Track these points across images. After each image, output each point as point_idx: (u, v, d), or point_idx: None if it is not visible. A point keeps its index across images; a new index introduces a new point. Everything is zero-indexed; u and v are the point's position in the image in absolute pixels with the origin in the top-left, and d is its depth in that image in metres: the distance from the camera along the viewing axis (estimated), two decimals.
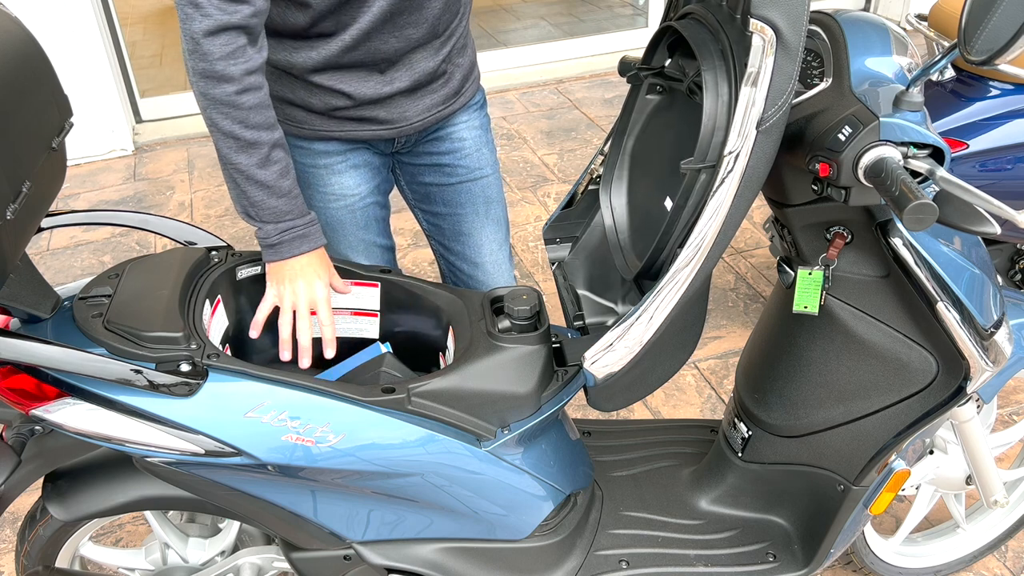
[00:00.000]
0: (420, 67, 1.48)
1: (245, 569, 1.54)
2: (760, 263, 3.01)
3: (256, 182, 1.27)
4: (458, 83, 1.58)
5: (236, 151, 1.25)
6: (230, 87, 1.20)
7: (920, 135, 1.12)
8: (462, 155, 1.65)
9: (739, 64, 1.14)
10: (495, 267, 1.74)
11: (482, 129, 1.67)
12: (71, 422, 1.12)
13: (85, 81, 3.80)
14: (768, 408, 1.51)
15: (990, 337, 1.30)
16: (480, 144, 1.67)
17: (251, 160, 1.25)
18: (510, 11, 5.59)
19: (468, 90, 1.62)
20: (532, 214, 3.38)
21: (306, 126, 1.52)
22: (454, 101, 1.59)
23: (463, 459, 1.26)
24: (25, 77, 1.12)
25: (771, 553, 1.55)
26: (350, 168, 1.58)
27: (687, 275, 1.22)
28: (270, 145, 1.26)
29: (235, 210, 1.34)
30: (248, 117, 1.23)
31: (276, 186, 1.28)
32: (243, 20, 1.19)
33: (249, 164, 1.25)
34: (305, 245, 1.32)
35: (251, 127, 1.23)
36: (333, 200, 1.59)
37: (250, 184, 1.27)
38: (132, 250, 3.27)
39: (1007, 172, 2.12)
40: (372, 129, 1.52)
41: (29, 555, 1.45)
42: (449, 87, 1.57)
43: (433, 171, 1.66)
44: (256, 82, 1.23)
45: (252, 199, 1.28)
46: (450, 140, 1.63)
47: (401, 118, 1.53)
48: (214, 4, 1.17)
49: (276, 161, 1.27)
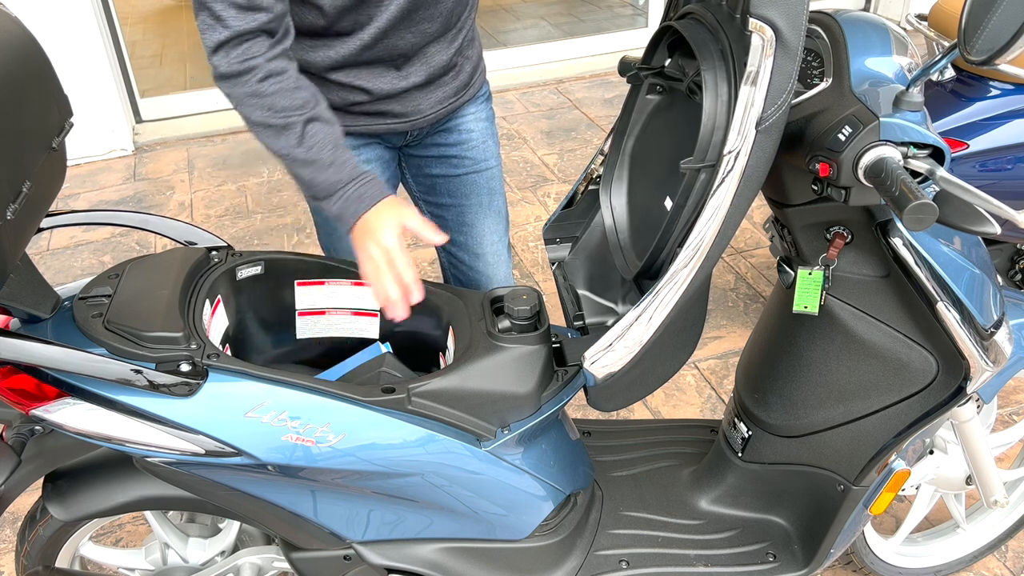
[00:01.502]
0: (435, 61, 1.50)
1: (245, 569, 1.54)
2: (760, 263, 3.01)
3: (300, 161, 1.26)
4: (468, 75, 1.60)
5: (273, 138, 1.24)
6: (252, 77, 1.21)
7: (920, 135, 1.12)
8: (469, 146, 1.66)
9: (739, 64, 1.14)
10: (495, 258, 1.76)
11: (488, 121, 1.69)
12: (71, 422, 1.12)
13: (85, 81, 3.80)
14: (768, 408, 1.51)
15: (990, 337, 1.30)
16: (486, 136, 1.69)
17: (289, 142, 1.25)
18: (510, 11, 5.59)
19: (476, 82, 1.64)
20: (532, 214, 3.38)
21: None
22: (464, 93, 1.61)
23: (463, 459, 1.26)
24: (25, 77, 1.12)
25: (771, 553, 1.55)
26: (363, 163, 1.59)
27: (687, 275, 1.22)
28: (303, 123, 1.25)
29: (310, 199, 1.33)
30: (275, 103, 1.22)
31: (319, 160, 1.26)
32: (262, 26, 1.20)
33: (288, 147, 1.25)
34: (362, 205, 1.28)
35: (279, 112, 1.23)
36: None
37: (296, 165, 1.26)
38: (132, 250, 3.27)
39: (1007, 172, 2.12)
40: (387, 123, 1.54)
41: (29, 555, 1.45)
42: (459, 79, 1.58)
43: (440, 163, 1.67)
44: (278, 67, 1.23)
45: (304, 179, 1.27)
46: (458, 132, 1.65)
47: (415, 111, 1.54)
48: (232, 15, 1.18)
49: (312, 135, 1.25)
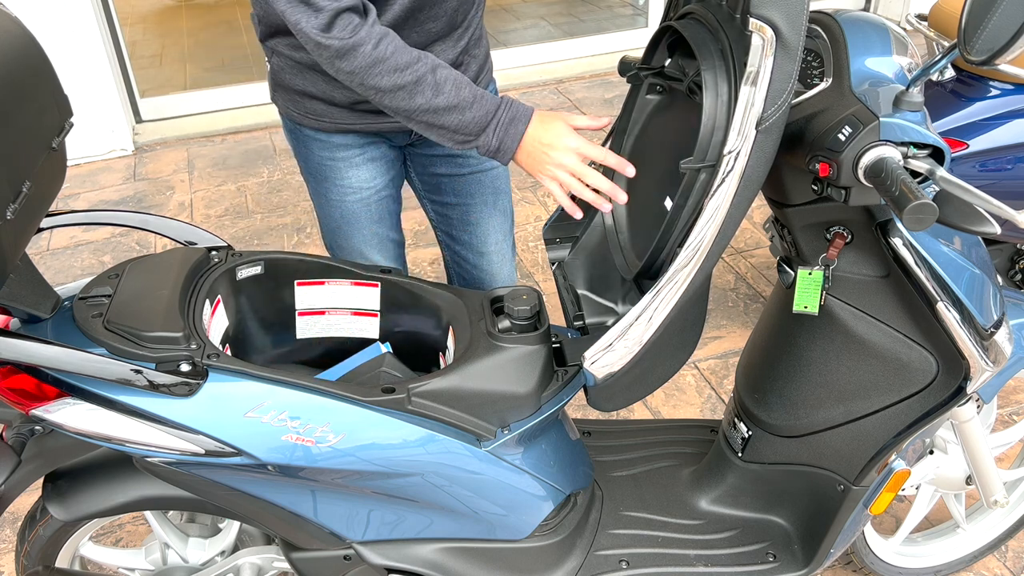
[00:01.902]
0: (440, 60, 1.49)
1: (245, 569, 1.54)
2: (760, 263, 3.01)
3: (443, 109, 1.26)
4: (474, 74, 1.60)
5: (409, 97, 1.24)
6: (366, 47, 1.21)
7: (920, 135, 1.12)
8: None
9: (739, 64, 1.14)
10: (499, 257, 1.77)
11: None
12: (71, 422, 1.12)
13: (85, 81, 3.80)
14: (768, 408, 1.51)
15: (990, 337, 1.30)
16: None
17: (426, 95, 1.25)
18: (510, 11, 5.59)
19: (482, 81, 1.64)
20: (532, 214, 3.38)
21: (326, 119, 1.54)
22: None
23: (463, 459, 1.26)
24: (25, 77, 1.12)
25: (771, 553, 1.55)
26: (367, 161, 1.60)
27: (687, 275, 1.22)
28: (430, 71, 1.25)
29: (454, 146, 1.32)
30: (398, 62, 1.23)
31: (460, 102, 1.26)
32: (351, 2, 1.21)
33: (428, 99, 1.25)
34: (520, 124, 1.28)
35: (406, 69, 1.23)
36: (350, 193, 1.62)
37: (439, 115, 1.26)
38: (132, 250, 3.27)
39: (1007, 172, 2.12)
40: (392, 121, 1.54)
41: (29, 555, 1.45)
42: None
43: (445, 162, 1.68)
44: (382, 31, 1.24)
45: (449, 126, 1.27)
46: None
47: None
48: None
49: (444, 81, 1.26)
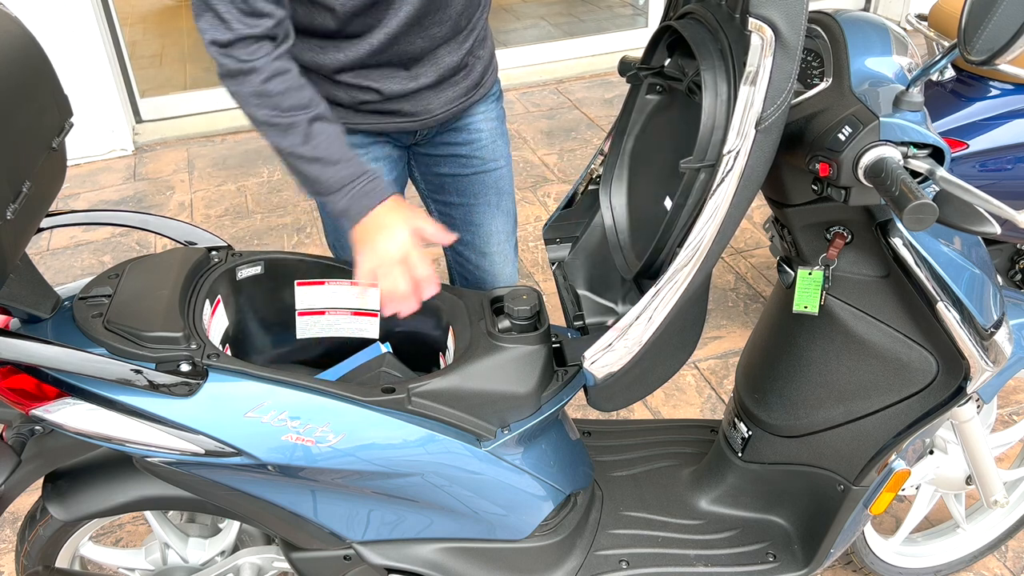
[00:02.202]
0: (445, 62, 1.50)
1: (245, 569, 1.54)
2: (760, 263, 3.01)
3: (307, 159, 1.27)
4: (479, 75, 1.60)
5: (278, 136, 1.26)
6: (257, 78, 1.22)
7: (920, 135, 1.12)
8: (478, 146, 1.66)
9: (738, 63, 1.14)
10: (502, 257, 1.77)
11: (498, 121, 1.69)
12: (71, 422, 1.12)
13: (85, 81, 3.80)
14: (768, 408, 1.51)
15: (990, 337, 1.30)
16: (496, 136, 1.68)
17: (295, 140, 1.26)
18: (510, 11, 5.59)
19: (487, 81, 1.64)
20: (532, 214, 3.38)
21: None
22: (475, 92, 1.61)
23: (463, 459, 1.26)
24: (25, 77, 1.12)
25: (771, 553, 1.55)
26: (371, 161, 1.59)
27: (687, 275, 1.22)
28: (307, 121, 1.26)
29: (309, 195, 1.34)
30: (280, 103, 1.24)
31: (325, 157, 1.27)
32: (264, 32, 1.21)
33: (294, 144, 1.26)
34: (372, 200, 1.29)
35: (285, 111, 1.24)
36: None
37: (302, 163, 1.27)
38: (132, 250, 3.27)
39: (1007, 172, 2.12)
40: (396, 122, 1.54)
41: (29, 555, 1.45)
42: (470, 79, 1.58)
43: (449, 162, 1.67)
44: (282, 67, 1.24)
45: (308, 176, 1.28)
46: (468, 131, 1.65)
47: (425, 111, 1.54)
48: (236, 17, 1.18)
49: (319, 134, 1.27)
